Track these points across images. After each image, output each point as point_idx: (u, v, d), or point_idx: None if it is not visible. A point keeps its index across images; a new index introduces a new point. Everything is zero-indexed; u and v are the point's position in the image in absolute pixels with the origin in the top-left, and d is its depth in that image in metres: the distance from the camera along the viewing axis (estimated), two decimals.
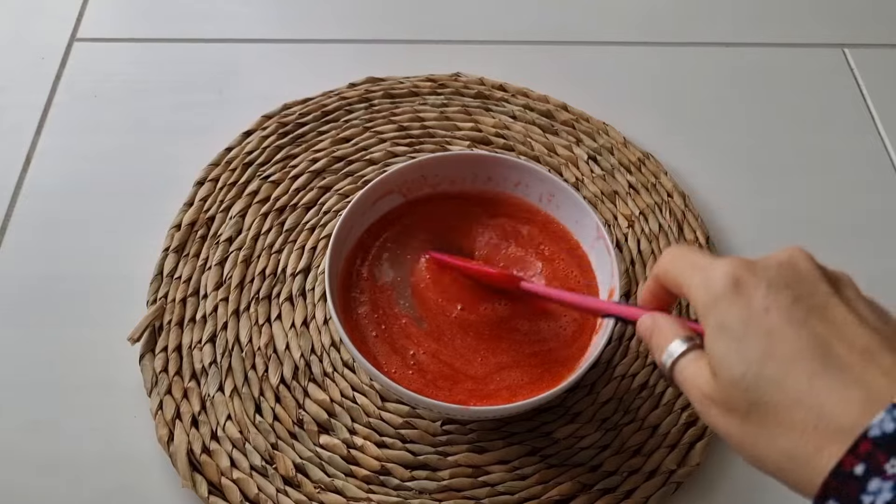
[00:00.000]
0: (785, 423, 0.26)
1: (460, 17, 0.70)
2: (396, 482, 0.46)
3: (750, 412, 0.27)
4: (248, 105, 0.61)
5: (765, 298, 0.28)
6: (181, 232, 0.54)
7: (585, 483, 0.46)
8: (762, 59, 0.68)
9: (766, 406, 0.27)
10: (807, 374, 0.26)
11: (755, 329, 0.28)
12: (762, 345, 0.27)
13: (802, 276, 0.29)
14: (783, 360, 0.27)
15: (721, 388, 0.28)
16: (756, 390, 0.27)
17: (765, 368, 0.27)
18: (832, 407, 0.25)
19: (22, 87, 0.63)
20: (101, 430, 0.48)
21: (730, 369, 0.28)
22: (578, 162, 0.59)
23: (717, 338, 0.29)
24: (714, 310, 0.29)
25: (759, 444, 0.27)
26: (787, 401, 0.26)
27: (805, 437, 0.26)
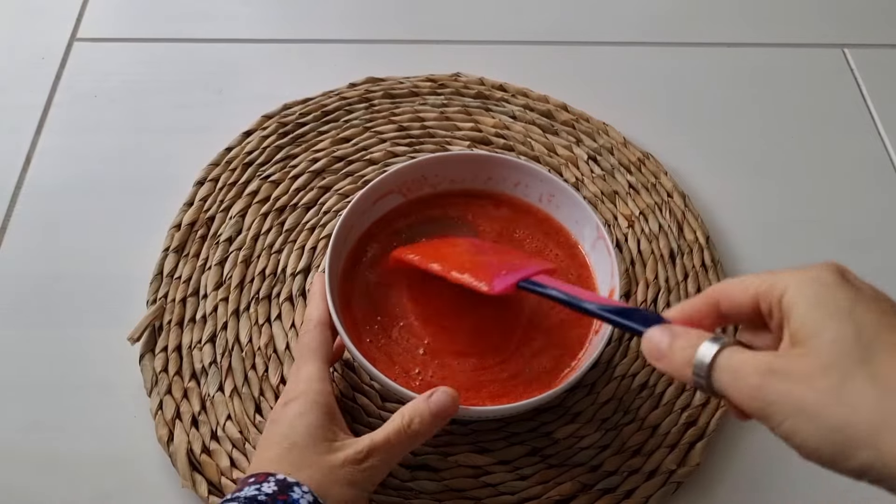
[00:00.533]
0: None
1: (460, 17, 0.70)
2: (397, 483, 0.46)
3: (864, 360, 0.26)
4: (248, 105, 0.61)
5: (873, 290, 0.28)
6: (181, 232, 0.54)
7: (585, 483, 0.46)
8: (762, 59, 0.68)
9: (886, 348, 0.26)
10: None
11: (865, 306, 0.27)
12: (876, 316, 0.27)
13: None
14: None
15: (818, 350, 0.27)
16: (870, 333, 0.26)
17: (886, 322, 0.27)
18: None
19: (22, 87, 0.63)
20: (101, 430, 0.48)
21: (837, 328, 0.27)
22: (578, 162, 0.59)
23: (814, 307, 0.28)
24: (817, 286, 0.28)
25: (861, 399, 0.25)
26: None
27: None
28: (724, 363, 0.29)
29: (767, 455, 0.48)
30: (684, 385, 0.50)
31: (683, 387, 0.50)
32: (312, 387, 0.41)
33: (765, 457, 0.48)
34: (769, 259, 0.56)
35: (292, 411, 0.40)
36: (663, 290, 0.53)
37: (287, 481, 0.37)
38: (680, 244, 0.55)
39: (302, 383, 0.41)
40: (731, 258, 0.56)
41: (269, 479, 0.37)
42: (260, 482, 0.36)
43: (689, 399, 0.49)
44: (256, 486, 0.36)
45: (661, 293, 0.53)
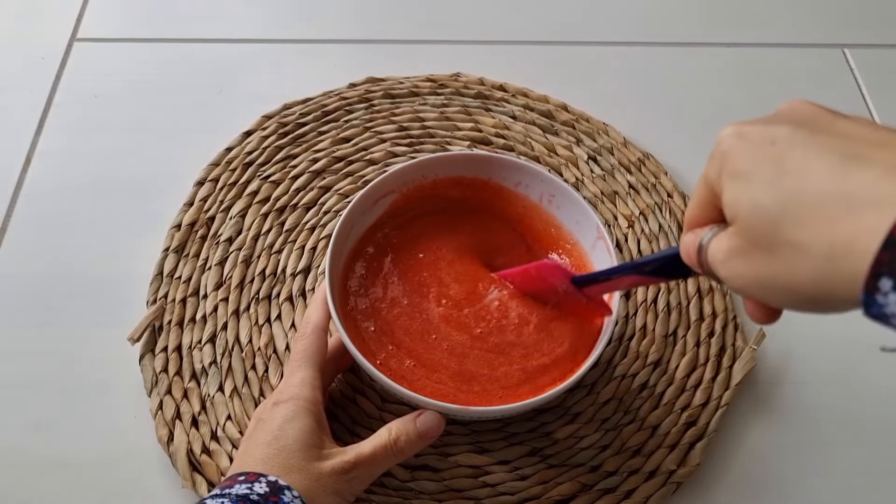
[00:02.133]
0: (815, 223, 0.24)
1: (460, 17, 0.70)
2: (397, 483, 0.46)
3: (776, 234, 0.26)
4: (248, 105, 0.61)
5: (765, 131, 0.27)
6: (181, 232, 0.54)
7: (585, 483, 0.46)
8: (762, 59, 0.68)
9: (790, 219, 0.25)
10: (826, 169, 0.25)
11: (763, 160, 0.27)
12: (774, 168, 0.26)
13: (803, 111, 0.28)
14: (797, 171, 0.25)
15: (742, 229, 0.27)
16: (777, 208, 0.26)
17: (781, 183, 0.26)
18: (861, 187, 0.23)
19: (22, 87, 0.63)
20: (101, 430, 0.48)
21: (747, 202, 0.27)
22: (578, 162, 0.59)
23: (730, 185, 0.28)
24: (725, 164, 0.28)
25: (793, 265, 0.25)
26: (813, 200, 0.25)
27: (839, 225, 0.24)
28: (709, 249, 0.30)
29: (767, 455, 0.48)
30: (684, 385, 0.50)
31: (683, 387, 0.50)
32: (304, 393, 0.41)
33: (765, 457, 0.48)
34: None
35: (282, 414, 0.40)
36: (663, 289, 0.53)
37: (279, 484, 0.37)
38: None
39: (294, 387, 0.42)
40: None
41: (261, 479, 0.37)
42: (251, 482, 0.36)
43: (689, 399, 0.49)
44: (248, 486, 0.36)
45: (661, 293, 0.53)
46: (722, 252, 0.29)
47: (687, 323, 0.52)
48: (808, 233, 0.25)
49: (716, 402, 0.49)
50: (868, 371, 0.52)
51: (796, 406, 0.50)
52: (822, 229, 0.24)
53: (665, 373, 0.50)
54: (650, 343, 0.51)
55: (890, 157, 0.24)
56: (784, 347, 0.52)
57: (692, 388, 0.50)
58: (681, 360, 0.50)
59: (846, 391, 0.51)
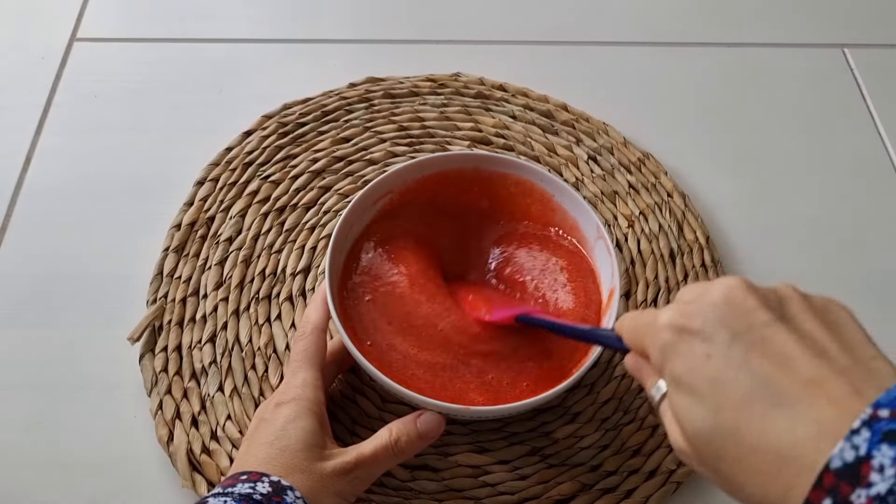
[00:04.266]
0: (750, 469, 0.26)
1: (460, 17, 0.70)
2: (397, 483, 0.46)
3: (718, 463, 0.27)
4: (248, 105, 0.61)
5: (704, 343, 0.28)
6: (181, 232, 0.54)
7: (585, 483, 0.46)
8: (762, 59, 0.68)
9: (729, 457, 0.27)
10: (758, 418, 0.26)
11: (701, 379, 0.28)
12: (712, 396, 0.27)
13: (738, 310, 0.28)
14: (733, 409, 0.26)
15: (688, 442, 0.29)
16: (716, 443, 0.27)
17: (719, 420, 0.27)
18: (790, 448, 0.25)
19: (22, 87, 0.63)
20: (101, 430, 0.48)
21: (691, 425, 0.28)
22: (578, 162, 0.59)
23: (673, 391, 0.29)
24: (665, 363, 0.29)
25: (735, 490, 0.27)
26: (746, 450, 0.26)
27: (772, 480, 0.25)
28: (663, 413, 0.31)
29: None
30: None
31: None
32: (306, 393, 0.41)
33: None
34: (769, 259, 0.56)
35: (284, 414, 0.40)
36: (663, 290, 0.53)
37: (281, 484, 0.37)
38: (680, 244, 0.55)
39: (296, 388, 0.42)
40: (731, 258, 0.56)
41: (263, 479, 0.37)
42: (254, 481, 0.36)
43: None
44: (250, 485, 0.36)
45: (661, 293, 0.53)
46: (675, 444, 0.30)
47: None
48: (745, 475, 0.26)
49: None
50: None
51: None
52: (755, 477, 0.26)
53: None
54: None
55: (817, 407, 0.25)
56: None
57: None
58: None
59: None
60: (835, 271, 0.56)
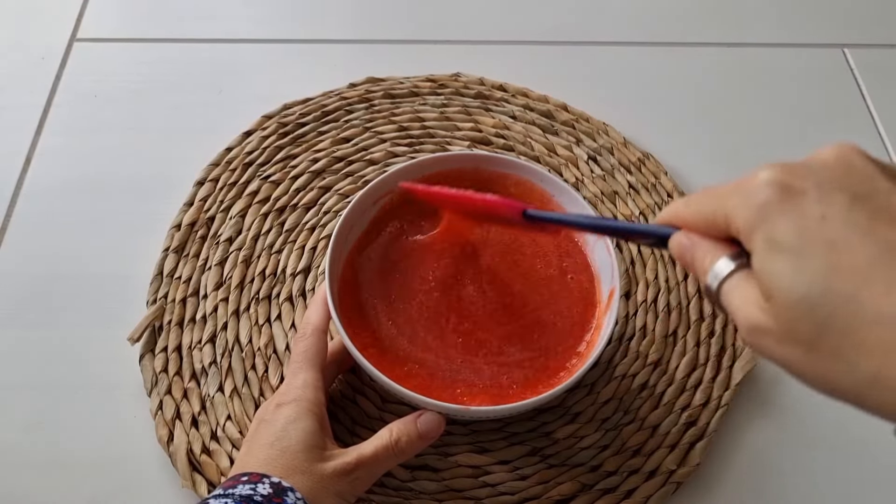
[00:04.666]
0: (864, 344, 0.23)
1: (460, 17, 0.70)
2: (397, 483, 0.46)
3: (818, 338, 0.24)
4: (248, 105, 0.61)
5: (819, 203, 0.24)
6: (181, 232, 0.54)
7: (585, 483, 0.46)
8: (762, 59, 0.68)
9: (838, 328, 0.23)
10: (884, 286, 0.23)
11: (814, 240, 0.24)
12: (825, 258, 0.24)
13: (857, 174, 0.25)
14: (853, 273, 0.23)
15: (779, 314, 0.25)
16: (825, 311, 0.23)
17: (833, 283, 0.23)
18: None
19: (22, 87, 0.63)
20: (101, 430, 0.48)
21: (789, 290, 0.24)
22: (578, 162, 0.59)
23: (768, 255, 0.25)
24: (762, 224, 0.25)
25: (833, 372, 0.24)
26: (865, 319, 0.23)
27: (891, 357, 0.22)
28: (728, 292, 0.27)
29: (767, 455, 0.48)
30: (684, 385, 0.50)
31: (683, 387, 0.50)
32: (307, 394, 0.41)
33: (765, 457, 0.48)
34: None
35: (284, 415, 0.40)
36: (663, 290, 0.53)
37: (282, 485, 0.37)
38: None
39: (297, 389, 0.42)
40: None
41: (264, 480, 0.37)
42: (254, 482, 0.36)
43: (689, 399, 0.49)
44: (251, 486, 0.36)
45: (661, 293, 0.53)
46: (748, 321, 0.26)
47: (687, 323, 0.52)
48: (857, 350, 0.23)
49: (716, 401, 0.49)
50: None
51: (796, 406, 0.50)
52: (872, 352, 0.23)
53: (665, 373, 0.50)
54: (650, 343, 0.51)
55: None
56: None
57: (692, 388, 0.50)
58: (681, 360, 0.50)
59: None
60: None
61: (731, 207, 0.27)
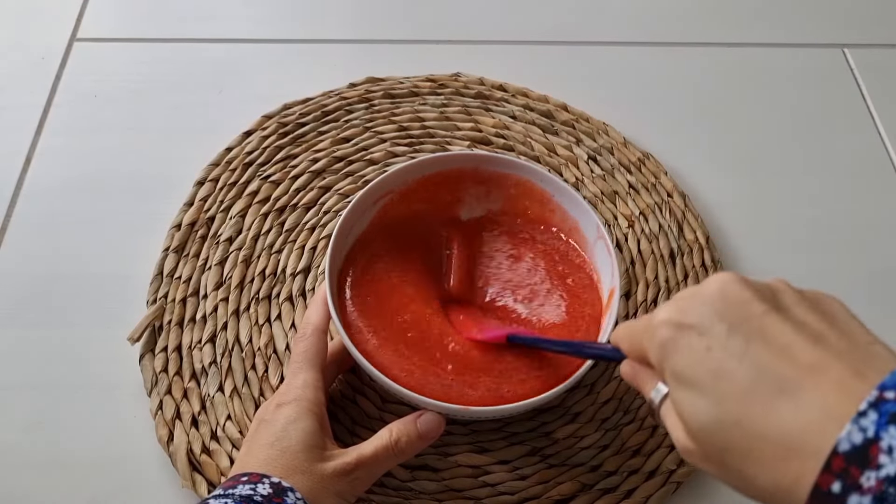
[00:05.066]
0: (758, 460, 0.26)
1: (460, 17, 0.70)
2: (397, 483, 0.46)
3: (723, 457, 0.27)
4: (248, 105, 0.61)
5: (702, 337, 0.28)
6: (181, 232, 0.54)
7: (585, 483, 0.46)
8: (762, 59, 0.68)
9: (735, 449, 0.27)
10: (762, 406, 0.26)
11: (703, 371, 0.27)
12: (713, 388, 0.27)
13: (733, 303, 0.28)
14: (736, 399, 0.26)
15: (692, 439, 0.28)
16: (721, 435, 0.27)
17: (723, 411, 0.27)
18: (796, 434, 0.25)
19: (22, 87, 0.63)
20: (101, 430, 0.48)
21: (693, 420, 0.28)
22: (578, 162, 0.59)
23: (675, 388, 0.29)
24: (665, 361, 0.29)
25: (743, 484, 0.27)
26: (753, 440, 0.26)
27: (780, 468, 0.25)
28: (664, 416, 0.31)
29: None
30: None
31: None
32: (307, 394, 0.41)
33: None
34: (769, 259, 0.56)
35: (284, 415, 0.40)
36: (663, 290, 0.53)
37: (282, 485, 0.37)
38: (680, 244, 0.55)
39: (297, 389, 0.42)
40: (731, 258, 0.56)
41: (264, 480, 0.37)
42: (254, 482, 0.36)
43: None
44: (251, 486, 0.36)
45: (661, 293, 0.53)
46: (677, 442, 0.30)
47: None
48: (755, 466, 0.26)
49: None
50: None
51: None
52: (766, 467, 0.26)
53: None
54: None
55: (820, 392, 0.25)
56: None
57: None
58: None
59: None
60: (835, 271, 0.56)
61: (645, 348, 0.31)
